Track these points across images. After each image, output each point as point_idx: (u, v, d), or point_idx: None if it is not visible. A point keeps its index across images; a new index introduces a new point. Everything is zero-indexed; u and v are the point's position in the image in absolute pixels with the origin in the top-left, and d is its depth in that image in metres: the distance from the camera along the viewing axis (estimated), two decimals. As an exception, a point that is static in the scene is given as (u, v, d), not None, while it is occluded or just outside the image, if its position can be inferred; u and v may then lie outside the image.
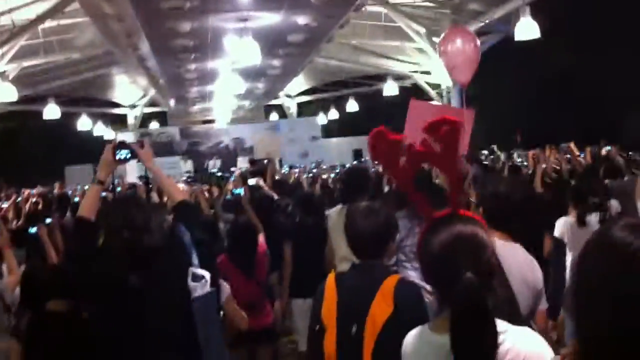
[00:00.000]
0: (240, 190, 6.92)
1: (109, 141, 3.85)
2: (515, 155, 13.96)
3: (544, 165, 8.97)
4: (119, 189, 10.30)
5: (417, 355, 1.96)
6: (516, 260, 2.84)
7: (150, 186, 8.66)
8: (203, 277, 3.17)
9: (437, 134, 1.88)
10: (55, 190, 13.45)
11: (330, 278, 3.03)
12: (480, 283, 1.74)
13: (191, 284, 3.14)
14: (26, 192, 11.34)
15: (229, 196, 8.51)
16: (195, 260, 3.21)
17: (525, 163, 11.76)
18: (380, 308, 2.78)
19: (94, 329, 3.11)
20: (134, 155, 3.52)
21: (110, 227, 3.04)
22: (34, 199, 10.25)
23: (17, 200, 10.33)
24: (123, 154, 3.48)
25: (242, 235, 5.14)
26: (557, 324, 5.05)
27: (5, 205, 9.72)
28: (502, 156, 14.10)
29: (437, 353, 1.84)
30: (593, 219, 5.64)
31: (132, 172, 18.63)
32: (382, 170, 2.04)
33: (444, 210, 1.95)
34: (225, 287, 3.97)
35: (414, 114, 1.81)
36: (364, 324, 2.78)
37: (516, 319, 1.99)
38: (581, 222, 5.56)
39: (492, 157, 13.64)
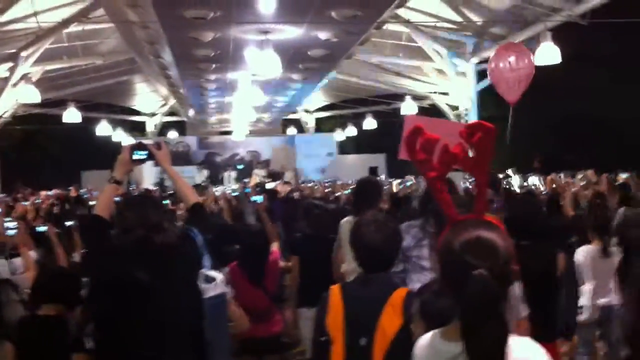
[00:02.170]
0: (259, 198, 6.96)
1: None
2: (529, 180, 13.87)
3: (574, 189, 8.89)
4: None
5: None
6: None
7: (165, 193, 8.73)
8: (214, 279, 3.20)
9: (472, 139, 1.90)
10: (71, 194, 13.57)
11: (335, 289, 3.01)
12: (492, 281, 1.74)
13: (203, 285, 3.18)
14: (42, 193, 11.47)
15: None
16: (207, 262, 3.25)
17: (541, 187, 11.76)
18: (391, 320, 2.78)
19: (101, 324, 3.14)
20: (150, 156, 3.55)
21: (124, 224, 3.08)
22: (50, 201, 10.37)
23: (36, 202, 10.45)
24: (140, 154, 3.52)
25: (253, 243, 5.16)
26: (572, 344, 5.06)
27: (25, 204, 9.82)
28: (517, 180, 14.03)
29: None
30: (616, 250, 5.62)
31: (148, 179, 18.77)
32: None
33: (468, 215, 1.96)
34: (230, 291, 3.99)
35: (409, 130, 1.83)
36: (373, 336, 2.78)
37: None
38: (605, 252, 5.54)
39: (505, 181, 13.56)
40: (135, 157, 3.51)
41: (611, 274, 5.52)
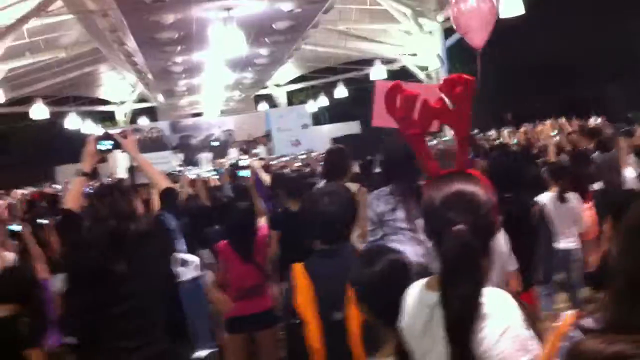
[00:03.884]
0: (246, 172, 6.88)
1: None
2: (505, 133, 13.96)
3: (557, 139, 9.08)
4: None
5: (412, 311, 1.98)
6: None
7: (136, 182, 8.63)
8: (192, 262, 3.19)
9: (451, 93, 1.91)
10: (45, 190, 13.43)
11: (298, 268, 2.92)
12: (470, 235, 1.74)
13: (180, 269, 3.17)
14: (18, 192, 11.33)
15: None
16: (182, 246, 3.23)
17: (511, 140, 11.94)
18: None
19: (80, 317, 3.12)
20: (117, 145, 3.52)
21: (96, 216, 3.05)
22: (25, 200, 10.24)
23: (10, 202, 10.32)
24: (105, 144, 3.49)
25: (240, 220, 5.13)
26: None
27: (-1, 205, 9.67)
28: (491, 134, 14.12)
29: (427, 309, 1.86)
30: (572, 196, 5.78)
31: (122, 170, 18.57)
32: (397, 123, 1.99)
33: (450, 169, 1.96)
34: (209, 274, 3.97)
35: (380, 96, 1.80)
36: (346, 310, 2.71)
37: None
38: (562, 198, 5.71)
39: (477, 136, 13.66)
40: (100, 147, 3.48)
41: (569, 219, 5.73)
